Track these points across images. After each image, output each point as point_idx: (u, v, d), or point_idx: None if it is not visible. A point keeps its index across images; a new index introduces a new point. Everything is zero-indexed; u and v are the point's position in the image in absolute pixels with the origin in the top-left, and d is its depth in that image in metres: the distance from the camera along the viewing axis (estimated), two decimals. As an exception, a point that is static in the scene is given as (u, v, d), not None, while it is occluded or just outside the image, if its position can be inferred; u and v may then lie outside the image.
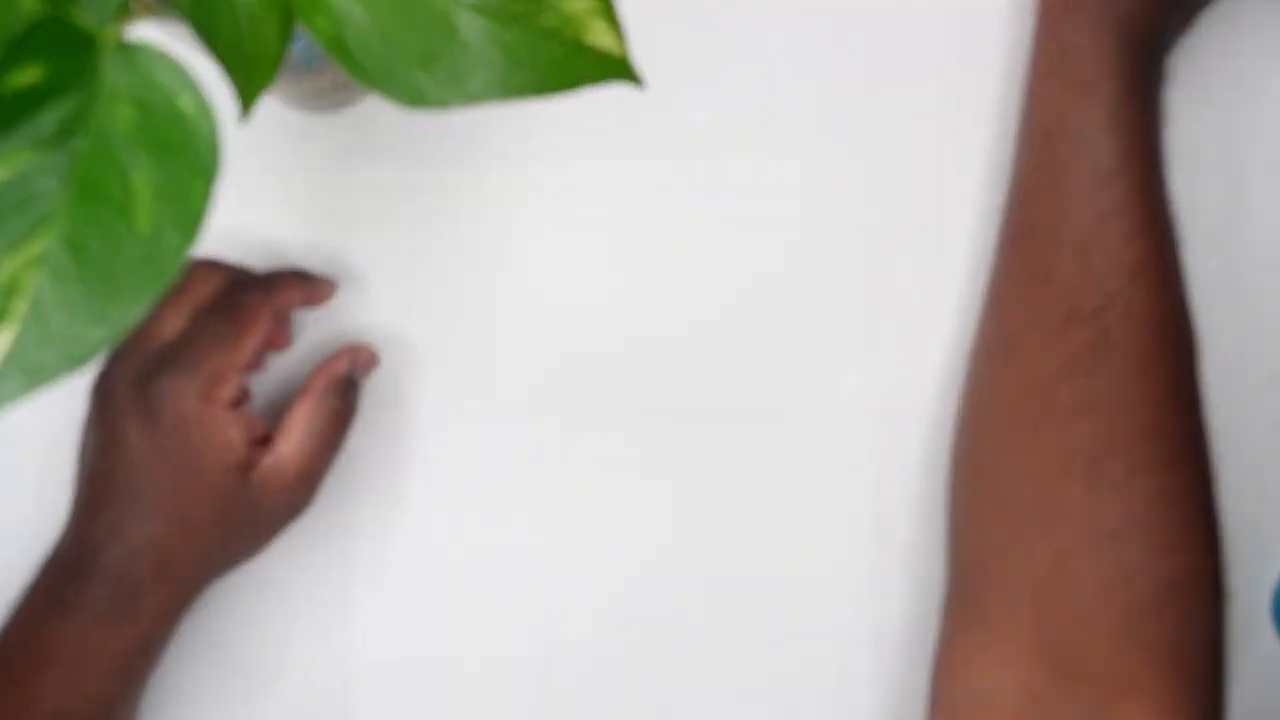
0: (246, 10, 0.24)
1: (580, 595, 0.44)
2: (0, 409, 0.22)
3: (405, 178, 0.44)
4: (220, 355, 0.39)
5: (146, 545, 0.37)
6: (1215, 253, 0.46)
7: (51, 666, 0.36)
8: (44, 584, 0.38)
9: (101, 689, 0.37)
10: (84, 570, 0.37)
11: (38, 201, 0.22)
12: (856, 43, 0.46)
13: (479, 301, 0.44)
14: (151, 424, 0.37)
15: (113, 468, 0.38)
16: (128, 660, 0.37)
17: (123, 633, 0.37)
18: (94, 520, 0.37)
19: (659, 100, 0.41)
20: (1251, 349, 0.46)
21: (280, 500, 0.39)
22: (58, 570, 0.38)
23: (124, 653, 0.37)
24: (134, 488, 0.37)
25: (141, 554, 0.37)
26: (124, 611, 0.37)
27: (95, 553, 0.37)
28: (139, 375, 0.38)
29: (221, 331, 0.39)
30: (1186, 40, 0.46)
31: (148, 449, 0.37)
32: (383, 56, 0.25)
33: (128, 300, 0.23)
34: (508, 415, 0.44)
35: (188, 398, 0.38)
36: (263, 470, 0.39)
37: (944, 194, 0.46)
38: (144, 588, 0.37)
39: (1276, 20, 0.47)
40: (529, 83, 0.25)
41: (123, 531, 0.37)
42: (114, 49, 0.23)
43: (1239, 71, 0.46)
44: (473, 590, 0.44)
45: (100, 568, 0.37)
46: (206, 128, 0.23)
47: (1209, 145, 0.46)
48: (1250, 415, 0.46)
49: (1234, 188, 0.46)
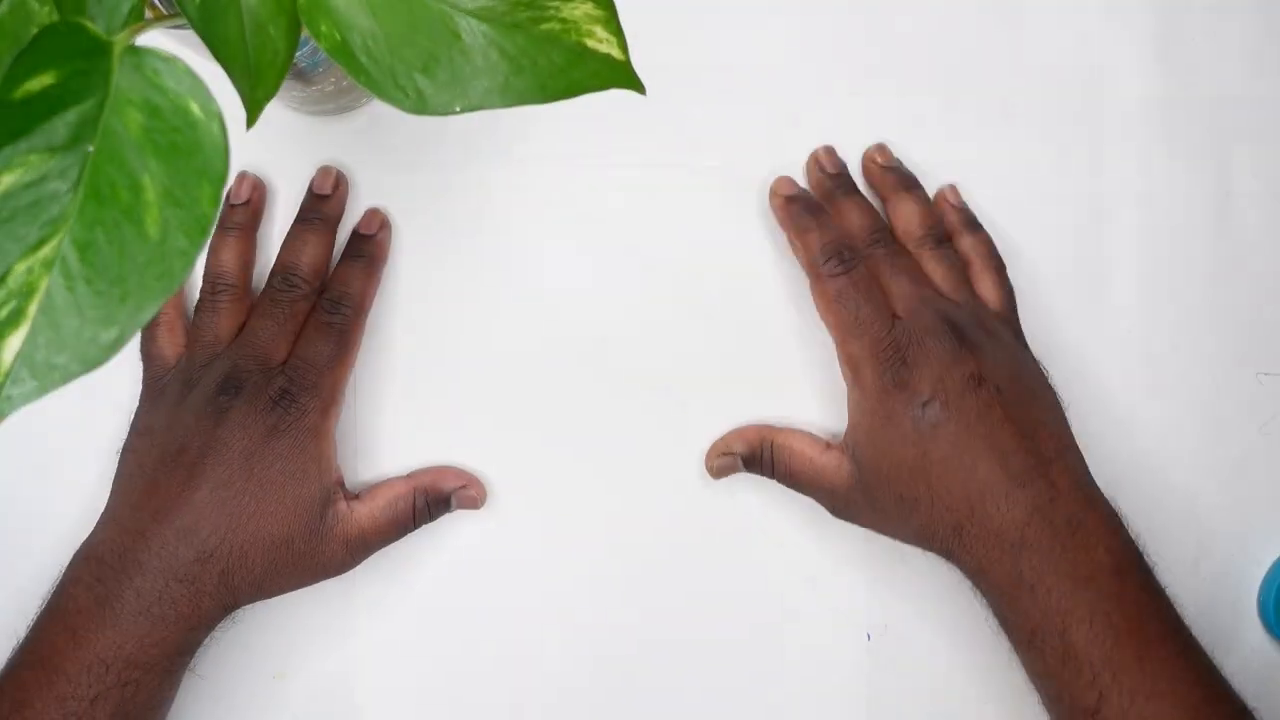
0: (253, 17, 0.25)
1: (580, 591, 0.45)
2: (13, 409, 0.22)
3: (407, 180, 0.44)
4: (336, 378, 0.40)
5: (218, 554, 0.37)
6: (1204, 252, 0.47)
7: (97, 660, 0.36)
8: (87, 578, 0.37)
9: (147, 682, 0.37)
10: (141, 569, 0.37)
11: (49, 205, 0.22)
12: (854, 42, 0.46)
13: (480, 301, 0.45)
14: (268, 435, 0.38)
15: (197, 473, 0.38)
16: (172, 660, 0.38)
17: (172, 631, 0.37)
18: (163, 522, 0.37)
19: (659, 100, 0.42)
20: (1239, 349, 0.47)
21: (335, 550, 0.40)
22: (102, 565, 0.37)
23: (171, 652, 0.37)
24: (222, 498, 0.37)
25: (212, 562, 0.37)
26: (181, 613, 0.37)
27: (160, 553, 0.37)
28: (249, 387, 0.38)
29: (337, 355, 0.40)
30: (1180, 42, 0.47)
31: (249, 462, 0.38)
32: (386, 62, 0.25)
33: (137, 302, 0.23)
34: (508, 413, 0.45)
35: (311, 415, 0.39)
36: (336, 515, 0.40)
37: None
38: (205, 594, 0.37)
39: (1261, 20, 0.47)
40: (531, 88, 0.25)
41: (197, 537, 0.37)
42: (124, 55, 0.23)
43: (1226, 71, 0.47)
44: (475, 586, 0.44)
45: (164, 569, 0.37)
46: (215, 132, 0.23)
47: (1198, 144, 0.47)
48: (1238, 414, 0.47)
49: (1221, 187, 0.47)
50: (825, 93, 0.46)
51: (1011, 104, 0.46)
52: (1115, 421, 0.46)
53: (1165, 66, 0.47)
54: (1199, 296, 0.47)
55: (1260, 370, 0.47)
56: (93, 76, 0.23)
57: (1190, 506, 0.46)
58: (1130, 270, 0.46)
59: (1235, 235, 0.47)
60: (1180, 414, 0.46)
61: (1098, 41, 0.47)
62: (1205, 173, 0.47)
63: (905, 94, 0.46)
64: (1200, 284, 0.47)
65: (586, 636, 0.44)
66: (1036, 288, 0.46)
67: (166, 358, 0.41)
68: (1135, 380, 0.46)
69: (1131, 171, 0.46)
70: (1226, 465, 0.46)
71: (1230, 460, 0.46)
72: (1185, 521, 0.46)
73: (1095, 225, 0.46)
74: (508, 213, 0.45)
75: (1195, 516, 0.46)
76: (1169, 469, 0.46)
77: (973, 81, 0.46)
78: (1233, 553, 0.46)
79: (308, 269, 0.42)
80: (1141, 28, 0.47)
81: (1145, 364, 0.46)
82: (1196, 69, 0.47)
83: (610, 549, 0.45)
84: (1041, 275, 0.46)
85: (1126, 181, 0.46)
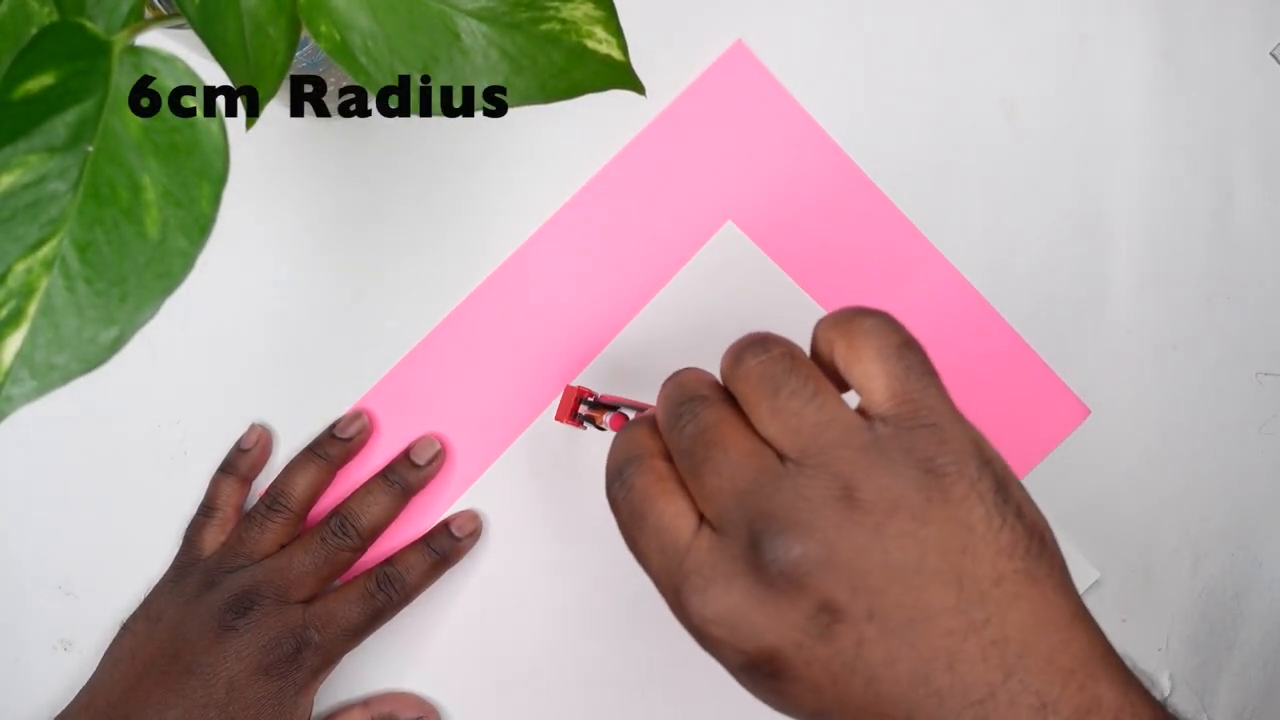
0: (253, 17, 0.25)
1: (582, 591, 0.45)
2: (13, 409, 0.22)
3: (408, 180, 0.44)
4: (347, 647, 0.41)
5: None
6: (1204, 252, 0.47)
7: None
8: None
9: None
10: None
11: (49, 205, 0.22)
12: (855, 41, 0.46)
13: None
14: (257, 673, 0.39)
15: (178, 689, 0.38)
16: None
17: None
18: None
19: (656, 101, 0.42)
20: (1239, 349, 0.47)
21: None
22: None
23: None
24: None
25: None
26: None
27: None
28: (258, 612, 0.40)
29: (362, 628, 0.41)
30: (1180, 42, 0.46)
31: (230, 692, 0.39)
32: (386, 62, 0.25)
33: (137, 302, 0.23)
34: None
35: (304, 672, 0.40)
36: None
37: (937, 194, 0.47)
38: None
39: (1260, 22, 0.47)
40: (531, 88, 0.25)
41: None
42: (124, 55, 0.23)
43: (1223, 75, 0.47)
44: (478, 583, 0.45)
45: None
46: (215, 132, 0.23)
47: (1198, 145, 0.47)
48: (1238, 414, 0.47)
49: (1221, 187, 0.47)
50: (825, 92, 0.46)
51: (1012, 104, 0.46)
52: (1115, 422, 0.46)
53: (1165, 66, 0.47)
54: (1199, 296, 0.47)
55: (1260, 370, 0.46)
56: (92, 76, 0.23)
57: (1190, 506, 0.46)
58: (1130, 270, 0.46)
59: (1235, 235, 0.47)
60: (1180, 414, 0.46)
61: (1098, 42, 0.46)
62: (1205, 173, 0.47)
63: (905, 94, 0.46)
64: (1200, 284, 0.47)
65: (592, 637, 0.44)
66: (1037, 288, 0.46)
67: (204, 549, 0.42)
68: (1135, 380, 0.46)
69: (1132, 172, 0.46)
70: (1226, 465, 0.46)
71: (1230, 460, 0.46)
72: (1186, 521, 0.46)
73: (1095, 225, 0.46)
74: (508, 211, 0.45)
75: (1196, 517, 0.46)
76: (1169, 469, 0.46)
77: (973, 81, 0.46)
78: (1233, 552, 0.46)
79: (367, 527, 0.42)
80: (1141, 28, 0.47)
81: (1145, 364, 0.46)
82: (1196, 69, 0.47)
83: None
84: (1041, 275, 0.46)
85: (1127, 182, 0.46)
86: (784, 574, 0.25)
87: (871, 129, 0.46)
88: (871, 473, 0.26)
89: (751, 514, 0.26)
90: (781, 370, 0.27)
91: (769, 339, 0.28)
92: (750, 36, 0.45)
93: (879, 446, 0.26)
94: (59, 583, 0.42)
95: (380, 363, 0.44)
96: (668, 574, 0.27)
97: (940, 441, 0.26)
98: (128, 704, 0.38)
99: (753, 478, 0.26)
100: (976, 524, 0.25)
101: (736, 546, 0.26)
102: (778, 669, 0.26)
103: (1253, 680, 0.44)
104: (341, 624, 0.40)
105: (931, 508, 0.25)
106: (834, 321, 0.28)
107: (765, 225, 0.45)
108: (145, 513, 0.43)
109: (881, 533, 0.25)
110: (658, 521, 0.27)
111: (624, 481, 0.28)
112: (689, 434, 0.28)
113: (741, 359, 0.28)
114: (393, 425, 0.44)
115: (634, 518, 0.28)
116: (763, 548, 0.25)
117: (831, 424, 0.26)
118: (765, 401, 0.27)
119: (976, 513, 0.26)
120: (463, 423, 0.44)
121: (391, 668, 0.43)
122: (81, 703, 0.39)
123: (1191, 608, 0.38)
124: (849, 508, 0.25)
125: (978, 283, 0.46)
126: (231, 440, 0.43)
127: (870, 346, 0.27)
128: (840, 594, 0.25)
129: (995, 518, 0.26)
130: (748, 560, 0.26)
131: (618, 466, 0.29)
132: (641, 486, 0.28)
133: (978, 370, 0.46)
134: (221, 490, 0.42)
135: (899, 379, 0.27)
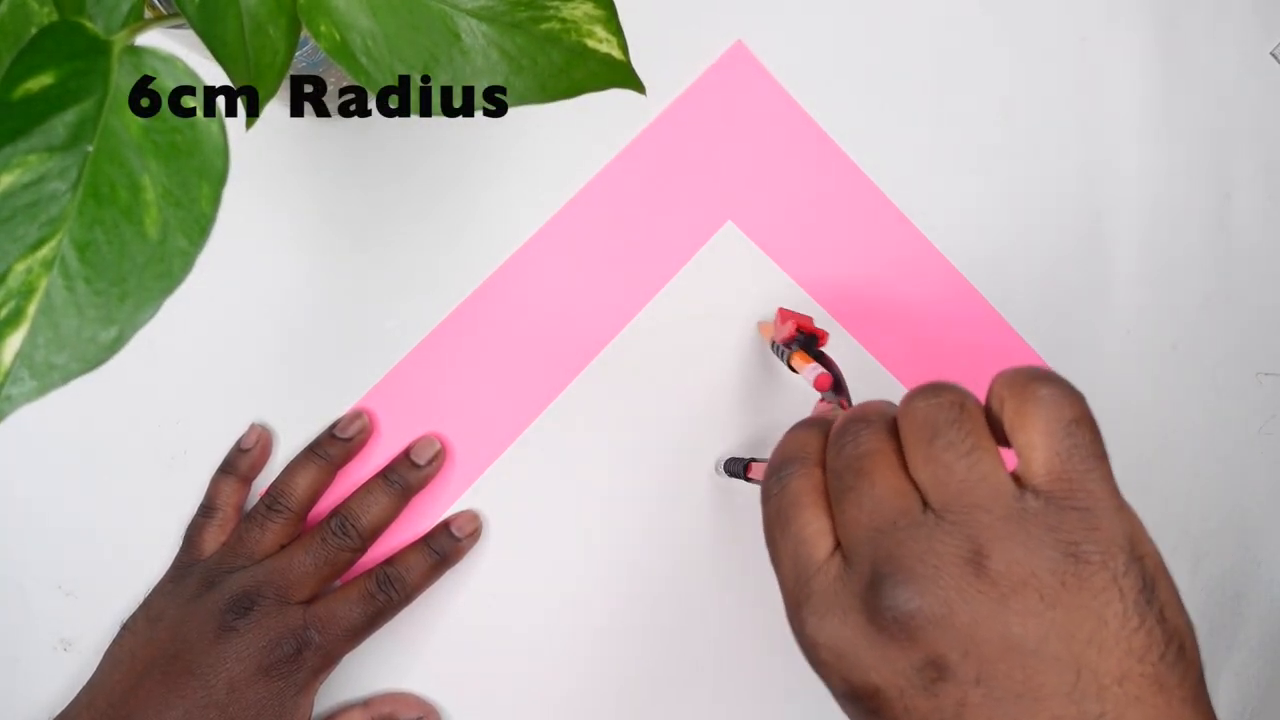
0: (253, 17, 0.25)
1: (586, 586, 0.45)
2: (13, 409, 0.22)
3: (408, 180, 0.44)
4: (347, 647, 0.41)
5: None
6: (1204, 252, 0.47)
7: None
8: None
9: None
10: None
11: (49, 204, 0.22)
12: (855, 41, 0.46)
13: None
14: (257, 674, 0.39)
15: (178, 690, 0.38)
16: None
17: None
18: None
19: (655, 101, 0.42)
20: (1239, 349, 0.47)
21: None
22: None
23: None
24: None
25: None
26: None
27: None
28: (258, 612, 0.39)
29: (362, 628, 0.41)
30: (1180, 42, 0.46)
31: (231, 693, 0.39)
32: (386, 62, 0.25)
33: (137, 302, 0.23)
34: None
35: (305, 672, 0.40)
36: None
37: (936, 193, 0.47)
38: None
39: (1259, 22, 0.47)
40: (531, 88, 0.25)
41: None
42: (124, 55, 0.23)
43: (1223, 75, 0.47)
44: (480, 577, 0.44)
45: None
46: (214, 132, 0.23)
47: (1198, 145, 0.47)
48: (1238, 414, 0.47)
49: (1220, 188, 0.47)
50: (825, 92, 0.46)
51: (1012, 104, 0.46)
52: (1115, 421, 0.46)
53: (1165, 66, 0.47)
54: (1199, 296, 0.47)
55: (1260, 370, 0.46)
56: (92, 76, 0.23)
57: (1190, 506, 0.46)
58: (1130, 270, 0.46)
59: (1235, 235, 0.47)
60: (1180, 414, 0.46)
61: (1098, 41, 0.46)
62: (1205, 173, 0.47)
63: (905, 94, 0.46)
64: (1200, 284, 0.47)
65: (606, 639, 0.44)
66: (1036, 287, 0.46)
67: (204, 549, 0.42)
68: (1135, 380, 0.46)
69: (1132, 171, 0.46)
70: (1226, 465, 0.46)
71: (1230, 460, 0.46)
72: (1186, 521, 0.46)
73: (1095, 226, 0.46)
74: (507, 211, 0.45)
75: (1196, 516, 0.46)
76: (1169, 469, 0.46)
77: (973, 81, 0.46)
78: (1233, 552, 0.46)
79: (367, 527, 0.42)
80: (1141, 29, 0.47)
81: (1145, 364, 0.46)
82: (1196, 69, 0.47)
83: (619, 549, 0.45)
84: (1041, 275, 0.46)
85: (1127, 181, 0.46)
86: (898, 622, 0.25)
87: (871, 129, 0.46)
88: (1007, 543, 0.25)
89: (879, 555, 0.26)
90: (945, 419, 0.27)
91: (944, 386, 0.28)
92: (750, 37, 0.45)
93: (1023, 518, 0.25)
94: (59, 583, 0.42)
95: (380, 363, 0.44)
96: (794, 585, 0.27)
97: (1090, 528, 0.25)
98: (128, 704, 0.38)
99: (890, 519, 0.26)
100: (1111, 619, 0.25)
101: (859, 584, 0.26)
102: (878, 706, 0.26)
103: (1253, 680, 0.44)
104: (342, 624, 0.40)
105: (1064, 592, 0.25)
106: (1009, 380, 0.27)
107: (765, 225, 0.45)
108: (145, 513, 0.43)
109: (1004, 605, 0.25)
110: (800, 531, 0.27)
111: (780, 479, 0.29)
112: (846, 455, 0.28)
113: (913, 399, 0.28)
114: (393, 425, 0.44)
115: (779, 518, 0.28)
116: (882, 592, 0.25)
117: (981, 484, 0.26)
118: (922, 446, 0.27)
119: (1113, 607, 0.25)
120: (463, 423, 0.44)
121: (391, 668, 0.43)
122: (81, 703, 0.39)
123: (1191, 608, 0.38)
124: (975, 573, 0.25)
125: (977, 282, 0.46)
126: (231, 440, 0.43)
127: (1040, 417, 0.26)
128: (951, 654, 0.25)
129: (1134, 616, 0.25)
130: (865, 600, 0.26)
131: (781, 461, 0.29)
132: (794, 491, 0.28)
133: (977, 370, 0.46)
134: (221, 490, 0.42)
135: (1061, 456, 0.26)
